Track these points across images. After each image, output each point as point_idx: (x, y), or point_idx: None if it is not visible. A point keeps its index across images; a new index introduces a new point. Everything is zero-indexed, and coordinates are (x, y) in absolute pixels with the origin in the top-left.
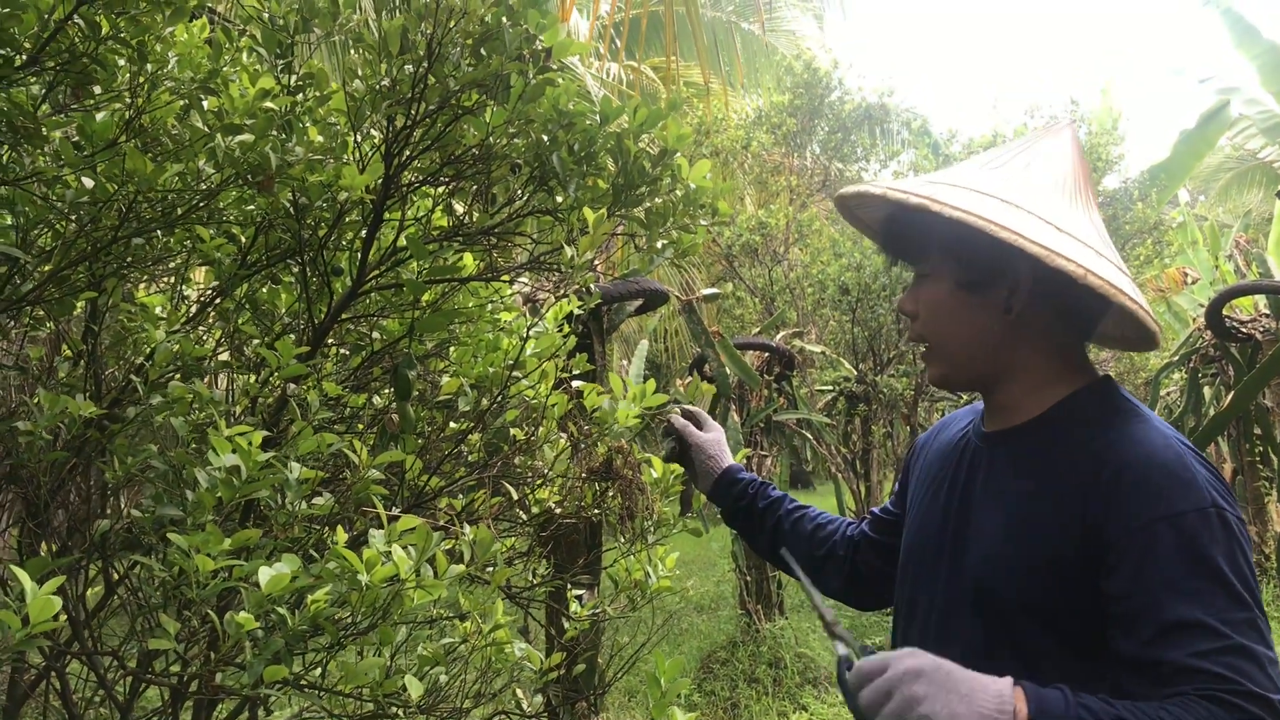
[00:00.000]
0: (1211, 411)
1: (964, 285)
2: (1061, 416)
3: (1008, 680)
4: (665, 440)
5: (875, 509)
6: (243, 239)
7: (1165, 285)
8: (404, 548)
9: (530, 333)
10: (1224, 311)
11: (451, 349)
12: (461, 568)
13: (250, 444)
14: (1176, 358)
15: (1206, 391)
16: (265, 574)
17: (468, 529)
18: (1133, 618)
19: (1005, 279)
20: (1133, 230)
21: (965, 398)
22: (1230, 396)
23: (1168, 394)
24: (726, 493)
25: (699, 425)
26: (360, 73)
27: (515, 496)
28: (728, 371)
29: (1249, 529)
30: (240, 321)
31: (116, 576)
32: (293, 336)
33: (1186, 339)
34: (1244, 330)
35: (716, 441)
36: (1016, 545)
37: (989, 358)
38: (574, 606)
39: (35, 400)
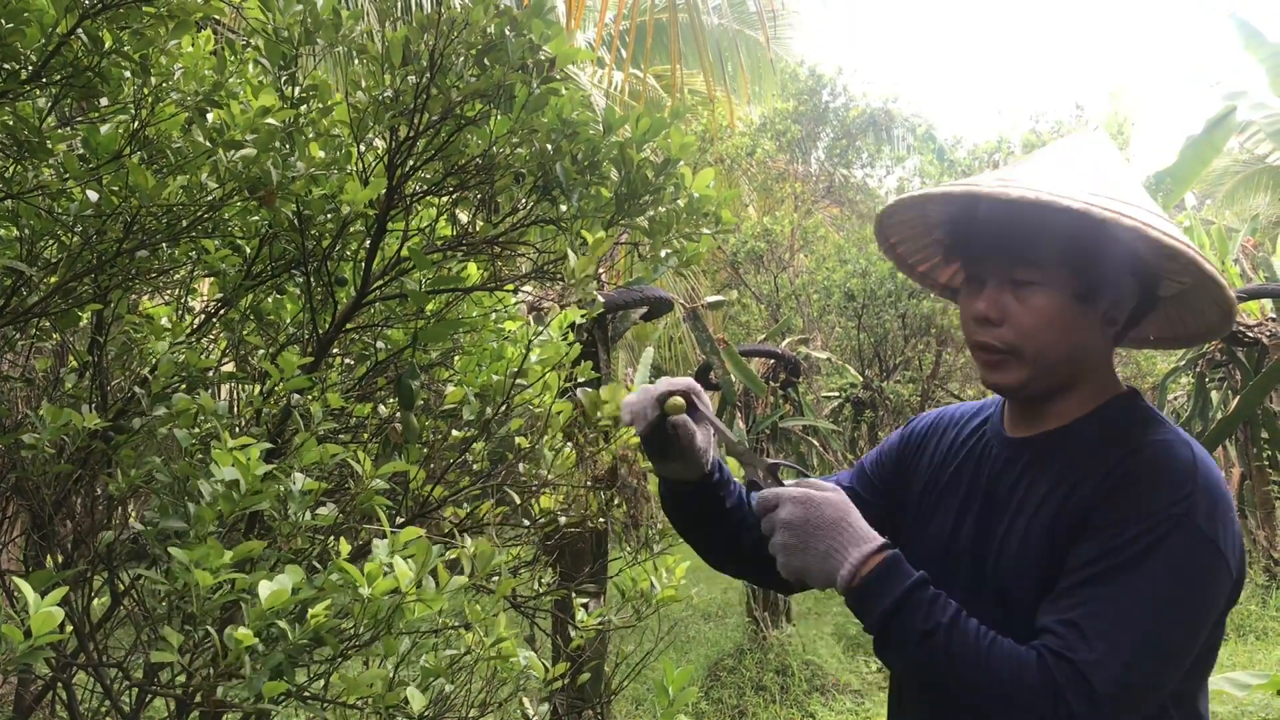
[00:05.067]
0: (1219, 416)
1: (1080, 296)
2: (1092, 425)
3: (872, 545)
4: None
5: (847, 474)
6: (247, 250)
7: None
8: (405, 559)
9: (534, 341)
10: None
11: (456, 358)
12: (463, 579)
13: (249, 458)
14: (1183, 362)
15: (1214, 396)
16: (265, 588)
17: (469, 541)
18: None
19: (1115, 291)
20: None
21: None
22: (1237, 400)
23: (1175, 399)
24: (711, 475)
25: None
26: (363, 84)
27: (518, 502)
28: (733, 378)
29: (1258, 533)
30: (245, 332)
31: (122, 587)
32: (297, 347)
33: None
34: (1251, 334)
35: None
36: (1038, 553)
37: (1077, 368)
38: (580, 615)
39: (39, 413)
